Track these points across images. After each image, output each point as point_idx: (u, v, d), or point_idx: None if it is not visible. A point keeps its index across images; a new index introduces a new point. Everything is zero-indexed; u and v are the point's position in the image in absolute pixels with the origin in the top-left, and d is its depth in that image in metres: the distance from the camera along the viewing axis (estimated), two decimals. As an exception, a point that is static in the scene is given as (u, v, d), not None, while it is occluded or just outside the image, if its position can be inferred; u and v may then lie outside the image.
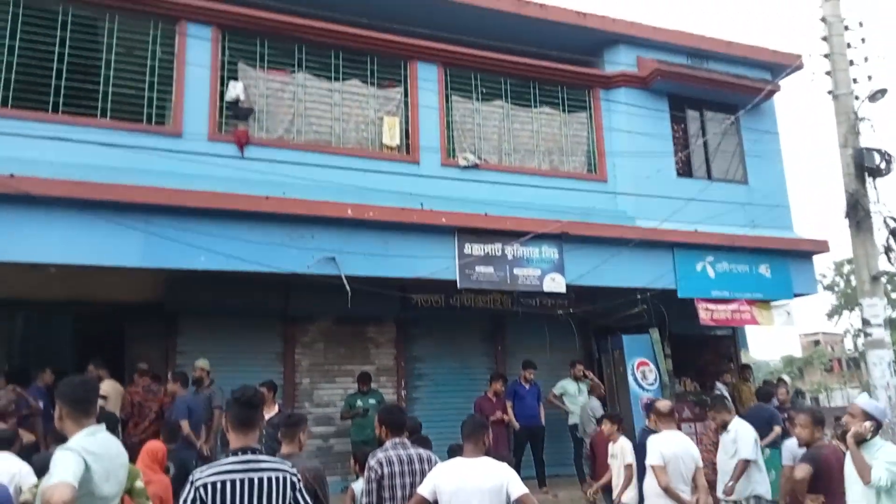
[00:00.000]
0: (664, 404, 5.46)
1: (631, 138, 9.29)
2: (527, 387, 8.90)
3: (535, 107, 9.41)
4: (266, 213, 7.22)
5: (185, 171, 7.06)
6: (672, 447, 5.06)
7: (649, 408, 6.02)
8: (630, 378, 9.33)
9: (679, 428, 6.01)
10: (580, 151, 9.63)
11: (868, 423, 4.05)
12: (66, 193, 6.39)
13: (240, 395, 2.77)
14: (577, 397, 9.04)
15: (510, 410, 8.57)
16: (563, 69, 9.47)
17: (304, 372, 9.05)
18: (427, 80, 8.61)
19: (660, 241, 8.91)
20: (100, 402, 5.99)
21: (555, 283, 8.51)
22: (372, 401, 8.30)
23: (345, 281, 7.31)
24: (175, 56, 7.59)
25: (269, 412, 6.87)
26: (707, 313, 9.26)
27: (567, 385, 9.14)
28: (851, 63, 8.41)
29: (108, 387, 7.37)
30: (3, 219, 6.32)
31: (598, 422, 7.16)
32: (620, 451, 6.21)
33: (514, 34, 9.09)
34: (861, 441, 4.02)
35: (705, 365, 11.30)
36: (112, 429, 3.06)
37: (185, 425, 6.60)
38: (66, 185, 6.43)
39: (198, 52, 7.63)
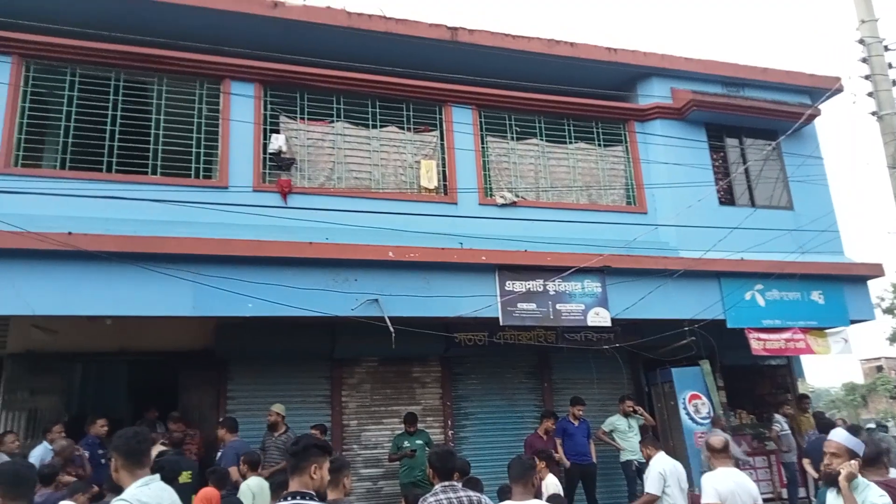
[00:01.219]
0: (718, 440, 5.31)
1: (670, 169, 9.24)
2: (576, 424, 8.77)
3: (571, 143, 9.47)
4: (310, 259, 7.40)
5: (231, 221, 7.30)
6: (728, 484, 4.88)
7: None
8: (682, 412, 9.09)
9: (737, 464, 5.83)
10: (618, 184, 9.62)
11: (855, 462, 3.76)
12: (120, 248, 6.68)
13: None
14: (627, 433, 8.85)
15: (560, 448, 8.44)
16: (597, 104, 9.54)
17: (351, 414, 9.11)
18: (462, 122, 8.78)
19: (705, 270, 8.76)
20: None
21: (599, 318, 8.42)
22: (419, 441, 8.28)
23: (388, 322, 7.39)
24: (220, 113, 7.93)
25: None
26: (759, 343, 9.01)
27: (617, 421, 8.96)
28: (894, 83, 8.27)
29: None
30: (63, 275, 6.63)
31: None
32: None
33: (545, 74, 9.23)
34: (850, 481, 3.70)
35: (761, 396, 10.94)
36: (168, 478, 3.14)
37: (233, 472, 6.67)
38: (119, 240, 6.73)
39: (241, 108, 7.96)
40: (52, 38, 7.33)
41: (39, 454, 6.81)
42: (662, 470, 6.20)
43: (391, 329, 7.34)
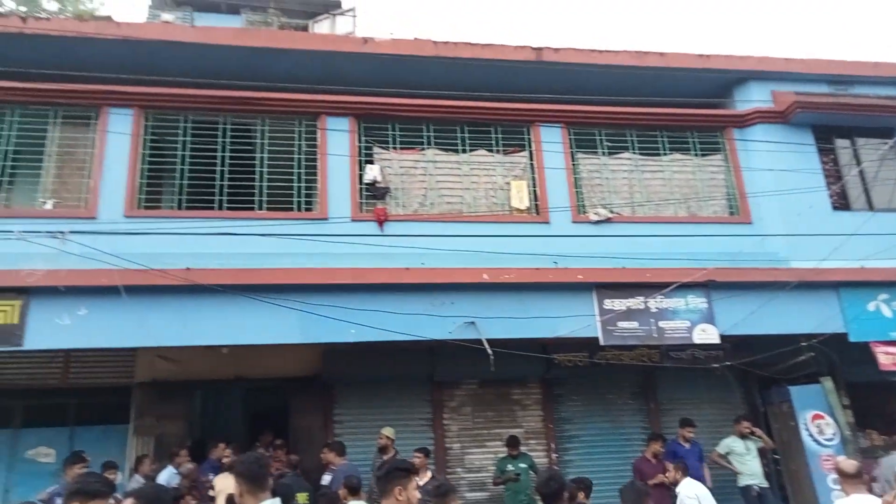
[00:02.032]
0: (850, 464, 4.92)
1: (775, 176, 8.76)
2: (687, 446, 8.39)
3: (665, 154, 9.19)
4: (407, 284, 7.56)
5: (332, 251, 7.58)
6: (862, 512, 4.52)
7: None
8: (803, 433, 8.49)
9: (870, 489, 5.40)
10: (719, 195, 9.22)
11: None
12: (233, 281, 7.10)
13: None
14: (745, 456, 8.37)
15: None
16: (692, 113, 9.23)
17: (453, 436, 9.17)
18: (551, 141, 8.74)
19: (821, 281, 8.20)
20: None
21: (706, 335, 8.06)
22: (523, 465, 8.20)
23: (486, 344, 7.41)
24: (318, 148, 8.31)
25: (423, 479, 6.99)
26: (888, 358, 8.30)
27: (733, 443, 8.50)
28: None
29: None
30: (182, 308, 7.12)
31: None
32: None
33: (634, 86, 9.05)
34: None
35: (893, 415, 10.04)
36: (286, 501, 3.29)
37: (342, 494, 6.85)
38: (231, 273, 7.17)
39: (337, 142, 8.31)
40: (167, 88, 7.98)
41: (165, 477, 7.29)
42: (695, 495, 6.34)
43: (489, 351, 7.34)
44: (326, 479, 7.48)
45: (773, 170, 8.80)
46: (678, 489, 7.01)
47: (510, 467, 8.20)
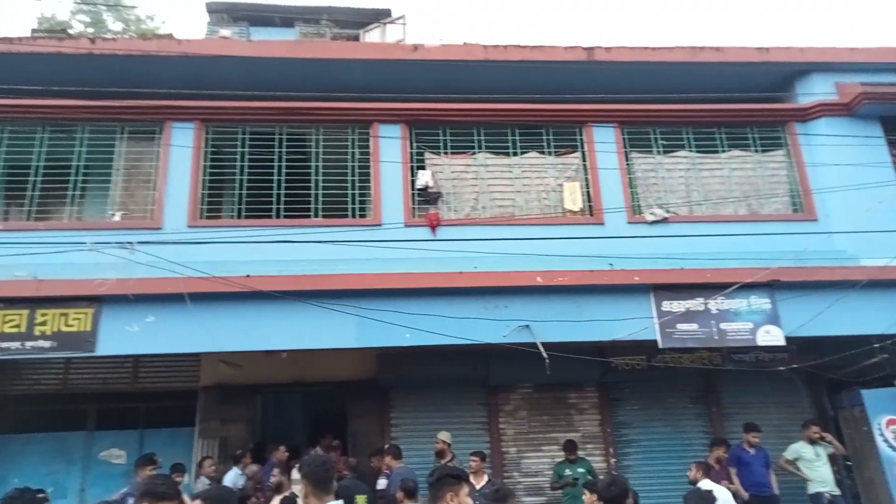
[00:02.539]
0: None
1: (841, 171, 8.40)
2: (752, 452, 8.13)
3: (724, 151, 8.94)
4: (461, 288, 7.57)
5: (386, 256, 7.67)
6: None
7: None
8: (878, 439, 8.11)
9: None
10: (781, 191, 8.90)
11: None
12: (291, 287, 7.27)
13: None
14: (815, 462, 8.05)
15: (735, 479, 7.85)
16: (751, 109, 8.95)
17: (509, 441, 9.13)
18: (604, 141, 8.62)
19: (894, 279, 7.82)
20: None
21: (770, 336, 7.78)
22: (581, 469, 8.11)
23: (541, 348, 7.35)
24: (371, 155, 8.44)
25: (479, 482, 6.99)
26: (969, 359, 7.85)
27: (802, 448, 8.18)
28: None
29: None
30: (243, 313, 7.33)
31: None
32: None
33: (689, 83, 8.85)
34: None
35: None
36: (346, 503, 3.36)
37: (399, 497, 6.91)
38: (289, 279, 7.33)
39: (390, 148, 8.41)
40: (225, 102, 8.24)
41: (231, 479, 7.52)
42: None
43: (544, 355, 7.29)
44: (382, 483, 7.55)
45: (838, 164, 8.45)
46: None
47: (568, 472, 8.12)
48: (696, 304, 7.78)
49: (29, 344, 7.03)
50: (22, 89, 7.83)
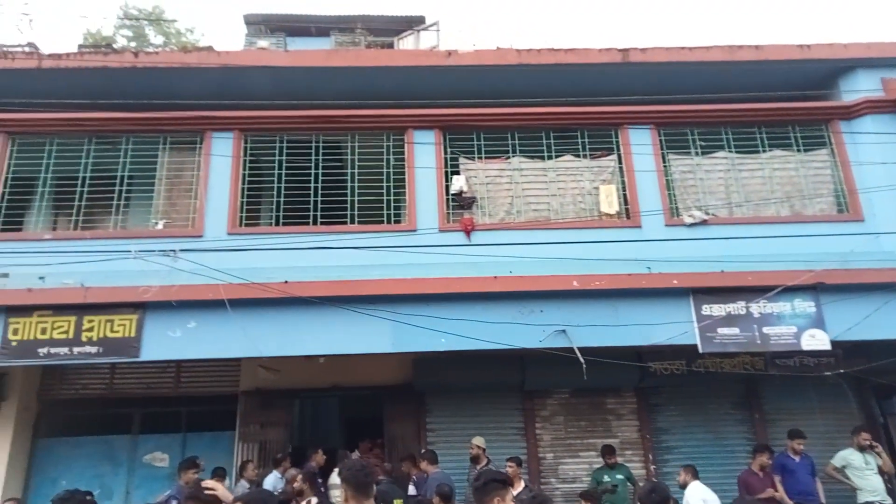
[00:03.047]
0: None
1: (888, 169, 8.14)
2: (797, 459, 7.90)
3: (764, 151, 8.75)
4: (496, 293, 7.56)
5: (421, 261, 7.71)
6: None
7: None
8: (931, 447, 7.81)
9: None
10: (825, 191, 8.67)
11: None
12: (328, 293, 7.36)
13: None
14: (864, 470, 7.78)
15: (780, 486, 7.65)
16: (793, 107, 8.73)
17: (546, 446, 9.07)
18: (640, 143, 8.51)
19: (946, 281, 7.54)
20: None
21: (815, 341, 7.57)
22: (620, 476, 8.00)
23: (577, 353, 7.29)
24: (405, 161, 8.49)
25: (516, 488, 6.94)
26: None
27: (850, 456, 7.91)
28: None
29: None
30: (282, 319, 7.44)
31: None
32: None
33: (728, 82, 8.70)
34: None
35: None
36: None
37: (435, 502, 6.91)
38: (327, 285, 7.42)
39: (424, 154, 8.45)
40: (263, 111, 8.40)
41: (272, 482, 7.62)
42: (704, 500, 6.31)
43: (581, 360, 7.22)
44: (411, 490, 7.58)
45: (885, 163, 8.19)
46: (686, 492, 6.99)
47: (606, 478, 8.01)
48: (737, 307, 7.62)
49: (76, 350, 7.26)
50: (69, 103, 8.12)
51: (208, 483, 4.50)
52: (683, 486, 7.19)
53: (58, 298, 7.30)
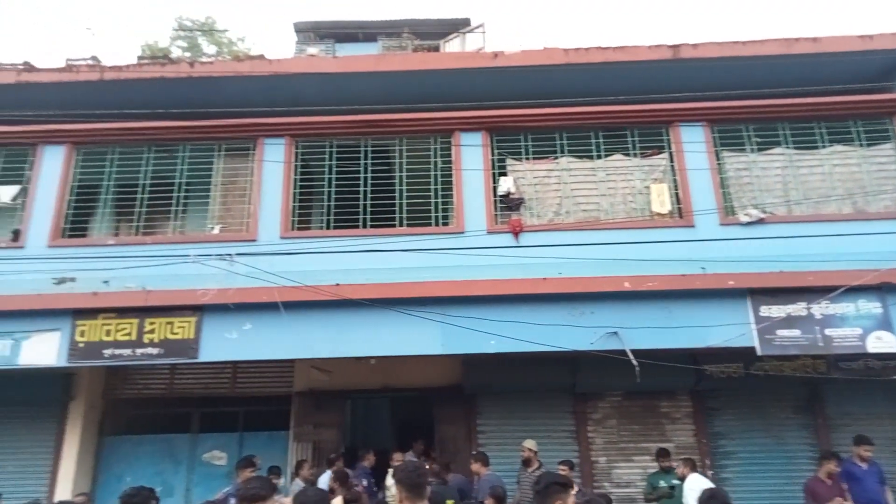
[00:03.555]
0: None
1: (959, 162, 7.76)
2: (864, 466, 7.59)
3: (824, 147, 8.43)
4: (545, 294, 7.51)
5: (470, 263, 7.71)
6: None
7: None
8: None
9: None
10: (890, 188, 8.29)
11: None
12: (378, 295, 7.44)
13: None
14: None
15: (848, 495, 7.35)
16: (854, 101, 8.38)
17: (599, 450, 8.95)
18: (693, 141, 8.32)
19: None
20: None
21: (882, 343, 7.26)
22: (675, 480, 7.83)
23: (630, 355, 7.17)
24: (453, 163, 8.51)
25: (569, 492, 6.87)
26: None
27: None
28: None
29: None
30: (334, 321, 7.56)
31: None
32: None
33: (784, 76, 8.43)
34: None
35: None
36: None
37: (489, 503, 6.91)
38: (377, 287, 7.51)
39: (471, 156, 8.45)
40: (313, 117, 8.55)
41: (325, 482, 7.73)
42: (701, 489, 6.02)
43: (634, 362, 7.10)
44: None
45: (956, 156, 7.80)
46: (685, 484, 6.97)
47: (662, 483, 7.86)
48: (797, 308, 7.37)
49: (139, 351, 7.53)
50: (129, 113, 8.44)
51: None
52: (682, 479, 7.18)
53: (121, 301, 7.60)
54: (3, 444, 9.03)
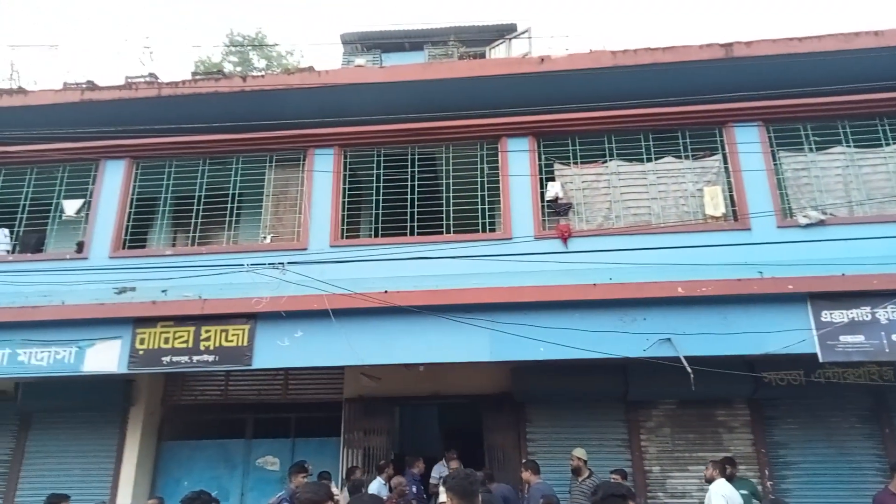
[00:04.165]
0: None
1: None
2: (937, 480, 7.18)
3: (888, 145, 8.09)
4: (595, 301, 7.40)
5: (518, 269, 7.67)
6: None
7: None
8: None
9: None
10: (961, 185, 7.90)
11: None
12: (426, 302, 7.47)
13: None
14: None
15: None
16: (919, 95, 8.04)
17: (652, 459, 8.75)
18: (747, 142, 8.09)
19: None
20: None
21: (954, 349, 6.89)
22: (744, 491, 7.55)
23: (684, 362, 7.00)
24: (499, 169, 8.49)
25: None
26: None
27: None
28: None
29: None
30: (382, 328, 7.62)
31: None
32: None
33: (843, 72, 8.08)
34: None
35: None
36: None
37: (541, 513, 6.83)
38: (425, 294, 7.54)
39: (518, 162, 8.42)
40: (361, 126, 8.66)
41: (376, 488, 7.80)
42: (724, 494, 6.34)
43: (688, 370, 6.92)
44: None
45: None
46: (711, 487, 6.77)
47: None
48: (861, 313, 7.07)
49: (195, 358, 7.75)
50: (185, 127, 8.72)
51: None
52: (709, 481, 6.97)
53: (178, 310, 7.83)
54: (69, 447, 9.40)
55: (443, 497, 3.36)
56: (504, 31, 14.50)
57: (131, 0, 46.23)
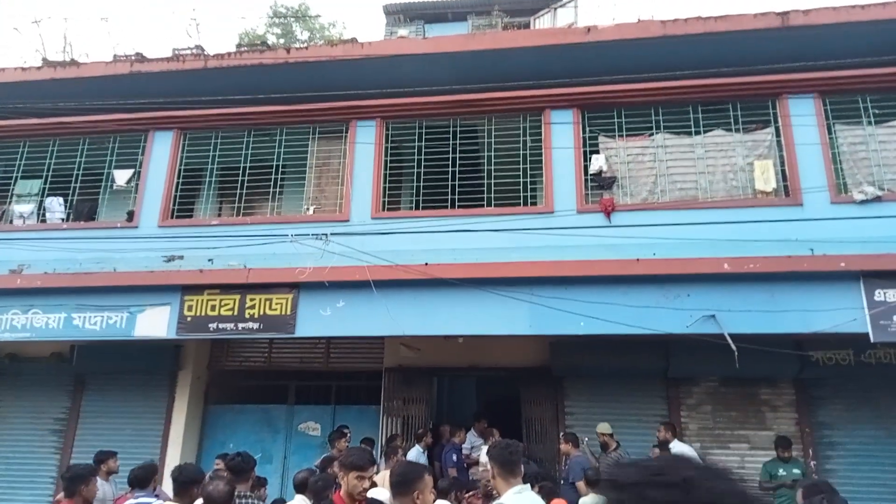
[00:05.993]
0: None
1: None
2: None
3: (953, 117, 7.71)
4: (638, 276, 7.31)
5: (559, 244, 7.61)
6: None
7: None
8: None
9: None
10: None
11: None
12: (466, 275, 7.48)
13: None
14: None
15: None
16: None
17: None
18: (801, 114, 7.79)
19: None
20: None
21: None
22: (796, 470, 7.48)
23: (729, 339, 6.88)
24: (542, 142, 8.38)
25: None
26: None
27: None
28: None
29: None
30: (423, 300, 7.67)
31: None
32: None
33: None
34: None
35: None
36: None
37: (580, 486, 6.87)
38: (465, 267, 7.55)
39: (561, 134, 8.29)
40: (404, 98, 8.63)
41: (414, 456, 7.94)
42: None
43: (733, 347, 6.80)
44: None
45: None
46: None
47: (782, 472, 7.50)
48: (917, 293, 6.81)
49: (240, 325, 7.94)
50: (230, 99, 8.83)
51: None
52: (665, 443, 7.10)
53: (224, 279, 8.02)
54: (121, 408, 9.80)
55: (484, 464, 3.39)
56: (549, 1, 14.20)
57: (177, -28, 46.63)
